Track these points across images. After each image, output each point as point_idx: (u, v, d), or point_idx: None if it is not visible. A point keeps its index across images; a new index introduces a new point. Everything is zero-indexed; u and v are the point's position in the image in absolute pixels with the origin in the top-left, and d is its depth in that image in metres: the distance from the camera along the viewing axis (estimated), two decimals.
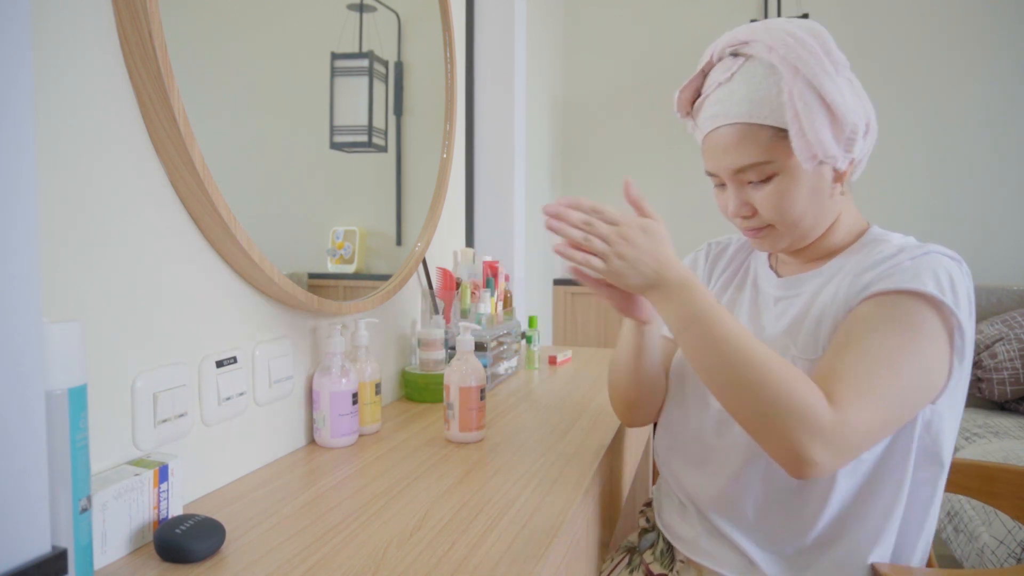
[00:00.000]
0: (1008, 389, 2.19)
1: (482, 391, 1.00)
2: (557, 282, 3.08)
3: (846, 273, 0.80)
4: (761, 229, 0.82)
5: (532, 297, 2.69)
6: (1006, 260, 2.59)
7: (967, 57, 2.61)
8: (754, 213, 0.81)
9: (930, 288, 0.70)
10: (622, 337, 0.92)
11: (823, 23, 0.81)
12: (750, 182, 0.79)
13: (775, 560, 0.80)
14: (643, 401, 0.94)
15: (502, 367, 1.45)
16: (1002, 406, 2.27)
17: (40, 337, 0.41)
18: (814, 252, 0.86)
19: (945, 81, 2.64)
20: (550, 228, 0.76)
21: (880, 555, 0.77)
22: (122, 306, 0.69)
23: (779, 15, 2.72)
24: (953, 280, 0.72)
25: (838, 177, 0.79)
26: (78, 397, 0.50)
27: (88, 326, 0.65)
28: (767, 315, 0.87)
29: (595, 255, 0.74)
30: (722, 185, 0.83)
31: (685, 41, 2.93)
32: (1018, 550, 1.47)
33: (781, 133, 0.76)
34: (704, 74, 0.83)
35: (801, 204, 0.78)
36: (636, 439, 1.39)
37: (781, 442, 0.67)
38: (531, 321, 1.66)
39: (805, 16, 2.60)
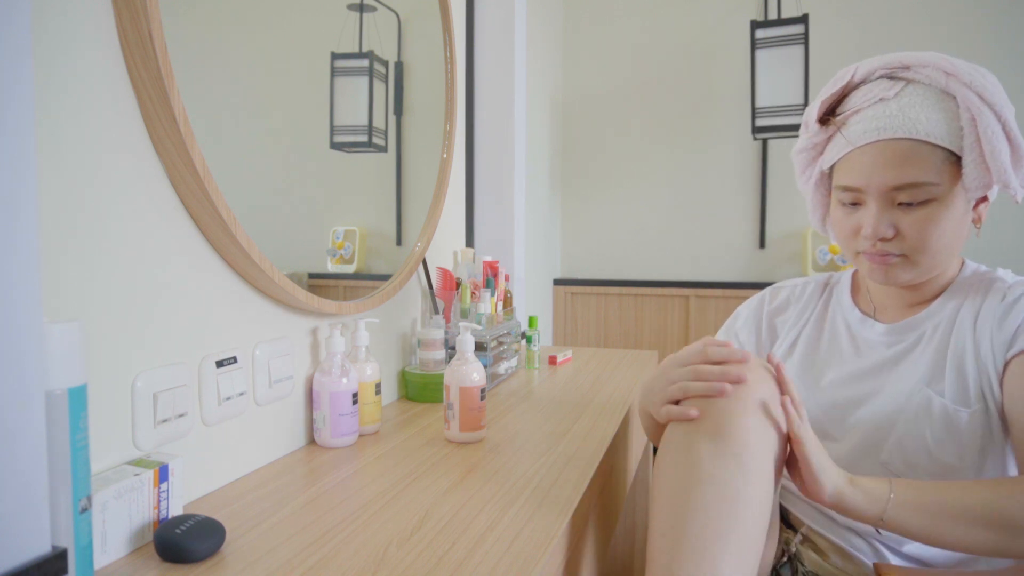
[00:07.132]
0: None
1: (482, 391, 1.00)
2: (557, 282, 3.07)
3: (966, 314, 0.78)
4: (892, 256, 0.77)
5: (532, 297, 2.69)
6: (1006, 260, 2.59)
7: (967, 57, 2.60)
8: (895, 237, 0.76)
9: None
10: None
11: (823, 23, 0.81)
12: (901, 203, 0.75)
13: None
14: None
15: (502, 367, 1.45)
16: None
17: (40, 337, 0.41)
18: (924, 292, 0.83)
19: None
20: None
21: None
22: (122, 306, 0.69)
23: (779, 15, 2.71)
24: None
25: (977, 217, 0.79)
26: (78, 397, 0.50)
27: (88, 326, 0.65)
28: (873, 361, 0.83)
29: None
30: (855, 204, 0.79)
31: (685, 41, 2.93)
32: None
33: (952, 158, 0.74)
34: (845, 91, 0.81)
35: (947, 235, 0.75)
36: (637, 439, 1.39)
37: None
38: (531, 321, 1.66)
39: (805, 16, 2.60)
